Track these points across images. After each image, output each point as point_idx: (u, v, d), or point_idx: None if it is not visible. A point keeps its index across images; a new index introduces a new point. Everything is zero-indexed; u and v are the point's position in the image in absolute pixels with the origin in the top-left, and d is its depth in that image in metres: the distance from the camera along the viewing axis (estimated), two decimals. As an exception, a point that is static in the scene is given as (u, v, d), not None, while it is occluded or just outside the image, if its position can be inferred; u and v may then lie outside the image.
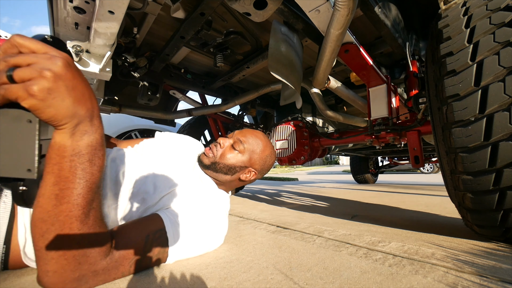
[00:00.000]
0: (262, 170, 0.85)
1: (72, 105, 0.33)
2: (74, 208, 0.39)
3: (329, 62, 0.87)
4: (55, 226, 0.39)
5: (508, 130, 0.59)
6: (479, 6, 0.71)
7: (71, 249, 0.41)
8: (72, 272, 0.42)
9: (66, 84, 0.32)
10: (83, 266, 0.43)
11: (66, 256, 0.40)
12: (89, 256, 0.43)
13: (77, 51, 0.92)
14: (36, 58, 0.30)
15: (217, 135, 2.28)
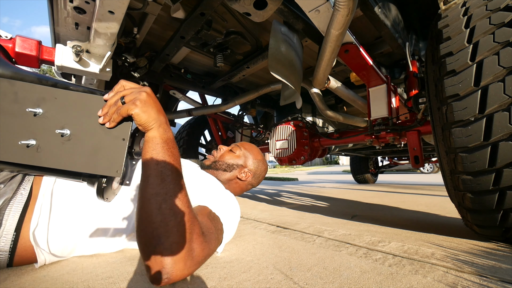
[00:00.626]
0: (256, 173, 0.95)
1: (156, 113, 0.51)
2: (176, 180, 0.50)
3: (329, 62, 0.87)
4: (169, 195, 0.48)
5: (508, 130, 0.59)
6: (479, 6, 0.71)
7: (184, 217, 0.48)
8: (189, 243, 0.48)
9: (152, 101, 0.51)
10: (193, 236, 0.49)
11: (182, 224, 0.48)
12: (196, 225, 0.51)
13: (77, 51, 0.93)
14: (134, 89, 0.51)
15: (217, 135, 2.28)
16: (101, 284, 0.50)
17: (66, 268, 0.58)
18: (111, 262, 0.62)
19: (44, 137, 0.49)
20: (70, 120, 0.50)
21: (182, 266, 0.47)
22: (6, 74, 0.55)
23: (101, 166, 0.49)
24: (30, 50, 0.90)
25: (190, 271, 0.49)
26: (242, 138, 2.18)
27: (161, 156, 0.50)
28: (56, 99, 0.51)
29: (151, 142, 0.51)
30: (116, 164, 0.49)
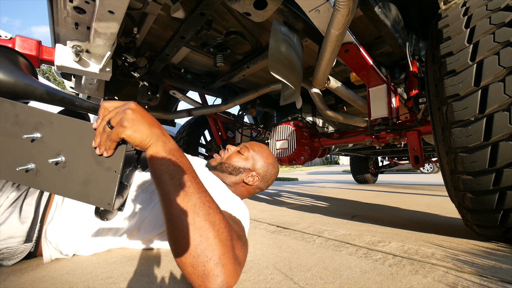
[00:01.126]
0: (265, 177, 0.89)
1: (148, 128, 0.47)
2: (198, 189, 0.47)
3: (329, 62, 0.87)
4: (197, 207, 0.45)
5: (508, 130, 0.59)
6: (479, 6, 0.71)
7: (220, 224, 0.46)
8: (233, 250, 0.47)
9: (140, 115, 0.47)
10: (233, 242, 0.48)
11: (221, 232, 0.46)
12: (232, 230, 0.49)
13: (77, 51, 0.92)
14: (117, 109, 0.47)
15: (217, 135, 2.28)
16: (101, 284, 0.50)
17: (66, 268, 0.58)
18: (111, 262, 0.62)
19: (42, 162, 0.49)
20: (65, 147, 0.49)
21: (234, 274, 0.45)
22: (18, 86, 0.59)
23: (93, 197, 0.48)
24: (30, 50, 0.90)
25: (239, 276, 0.47)
26: (242, 138, 2.18)
27: (172, 169, 0.47)
28: (52, 124, 0.50)
29: (155, 159, 0.48)
30: (107, 197, 0.47)
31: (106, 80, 1.10)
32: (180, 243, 0.43)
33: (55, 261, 0.63)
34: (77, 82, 1.28)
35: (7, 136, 0.50)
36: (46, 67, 12.02)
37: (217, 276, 0.43)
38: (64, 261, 0.63)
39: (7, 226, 0.56)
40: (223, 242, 0.45)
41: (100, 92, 1.40)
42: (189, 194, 0.46)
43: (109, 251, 0.70)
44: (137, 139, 0.46)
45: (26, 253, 0.60)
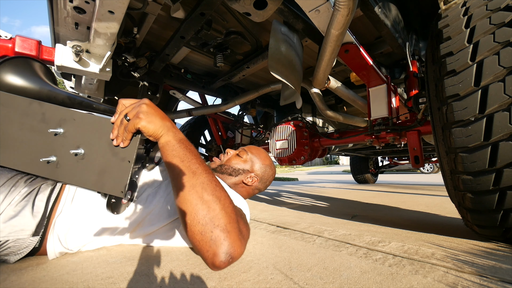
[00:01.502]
0: (263, 178, 0.95)
1: (161, 120, 0.54)
2: (206, 171, 0.53)
3: (329, 62, 0.87)
4: (205, 184, 0.51)
5: (508, 130, 0.59)
6: (479, 6, 0.71)
7: (226, 200, 0.52)
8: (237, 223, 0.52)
9: (153, 109, 0.54)
10: (237, 217, 0.54)
11: (227, 206, 0.51)
12: (236, 208, 0.56)
13: (77, 51, 0.92)
14: (134, 104, 0.54)
15: (217, 135, 2.28)
16: (101, 284, 0.50)
17: (66, 268, 0.58)
18: (111, 262, 0.62)
19: (63, 155, 0.55)
20: (85, 140, 0.55)
21: (239, 243, 0.50)
22: (42, 92, 0.67)
23: (107, 186, 0.53)
24: (30, 50, 0.90)
25: (244, 249, 0.52)
26: (242, 138, 2.18)
27: (182, 154, 0.53)
28: (74, 121, 0.56)
29: (168, 146, 0.54)
30: (121, 185, 0.53)
31: (106, 80, 1.10)
32: (190, 214, 0.49)
33: (55, 261, 0.63)
34: (77, 82, 1.28)
35: (33, 132, 0.56)
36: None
37: (224, 241, 0.48)
38: (64, 261, 0.63)
39: (20, 219, 0.59)
40: (229, 214, 0.50)
41: (100, 92, 1.40)
42: (198, 173, 0.52)
43: (109, 251, 0.70)
44: (151, 129, 0.52)
45: (30, 248, 0.61)
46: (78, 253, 0.69)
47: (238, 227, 0.51)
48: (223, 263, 0.48)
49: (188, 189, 0.50)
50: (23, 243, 0.59)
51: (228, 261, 0.49)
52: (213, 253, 0.48)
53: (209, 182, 0.52)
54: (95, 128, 0.56)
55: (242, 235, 0.52)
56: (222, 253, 0.48)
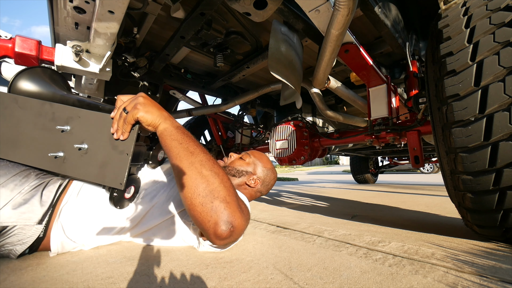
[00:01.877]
0: (265, 181, 0.97)
1: (157, 110, 0.58)
2: (203, 151, 0.57)
3: (329, 62, 0.87)
4: (204, 161, 0.54)
5: (508, 130, 0.59)
6: (479, 6, 0.71)
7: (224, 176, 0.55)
8: (236, 198, 0.55)
9: (150, 101, 0.58)
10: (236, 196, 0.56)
11: (225, 181, 0.55)
12: (234, 188, 0.57)
13: (77, 51, 0.92)
14: (131, 98, 0.58)
15: (217, 135, 2.28)
16: (101, 284, 0.50)
17: (66, 268, 0.58)
18: (111, 262, 0.62)
19: (69, 150, 0.60)
20: (88, 136, 0.60)
21: (239, 214, 0.52)
22: (56, 98, 0.74)
23: (108, 178, 0.57)
24: (30, 50, 0.90)
25: (245, 223, 0.54)
26: (242, 138, 2.18)
27: (180, 137, 0.57)
28: (79, 118, 0.61)
29: (166, 131, 0.57)
30: (120, 177, 0.56)
31: (106, 80, 1.10)
32: (190, 188, 0.51)
33: (55, 261, 0.63)
34: (77, 82, 1.28)
35: (44, 130, 0.62)
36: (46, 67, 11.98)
37: (224, 210, 0.50)
38: (64, 261, 0.63)
39: (29, 206, 0.62)
40: (227, 188, 0.53)
41: (100, 92, 1.40)
42: (196, 153, 0.55)
43: (109, 251, 0.70)
44: (149, 119, 0.56)
45: (35, 238, 0.63)
46: (79, 253, 0.69)
47: (237, 200, 0.54)
48: (224, 232, 0.49)
49: (188, 166, 0.53)
50: (28, 231, 0.62)
51: (229, 230, 0.50)
52: (215, 222, 0.49)
53: (207, 160, 0.55)
54: (97, 124, 0.60)
55: (242, 210, 0.54)
56: (223, 221, 0.50)
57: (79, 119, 0.62)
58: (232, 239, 0.54)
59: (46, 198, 0.66)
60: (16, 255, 0.63)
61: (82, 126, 0.61)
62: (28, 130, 0.64)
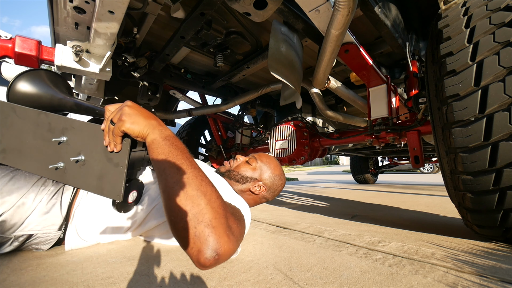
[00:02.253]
0: (271, 187, 0.92)
1: (144, 119, 0.54)
2: (191, 165, 0.52)
3: (329, 62, 0.87)
4: (190, 179, 0.49)
5: (508, 130, 0.59)
6: (479, 6, 0.71)
7: (212, 195, 0.49)
8: (225, 218, 0.49)
9: (136, 110, 0.54)
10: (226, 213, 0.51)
11: (213, 201, 0.48)
12: (225, 204, 0.52)
13: (77, 51, 0.92)
14: (116, 110, 0.55)
15: (217, 135, 2.28)
16: (101, 284, 0.50)
17: (66, 268, 0.58)
18: (111, 262, 0.62)
19: (67, 161, 0.59)
20: (84, 147, 0.59)
21: (226, 239, 0.46)
22: (54, 100, 0.76)
23: (106, 190, 0.56)
24: (30, 50, 0.90)
25: (234, 247, 0.48)
26: (242, 138, 2.18)
27: (167, 151, 0.52)
28: (74, 129, 0.60)
29: (153, 144, 0.53)
30: (117, 189, 0.55)
31: (106, 80, 1.10)
32: (174, 210, 0.46)
33: (55, 261, 0.63)
34: (77, 82, 1.28)
35: (44, 140, 0.61)
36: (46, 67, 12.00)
37: (208, 236, 0.44)
38: (64, 261, 0.63)
39: (52, 215, 0.69)
40: (214, 208, 0.47)
41: (100, 92, 1.40)
42: (182, 169, 0.50)
43: (109, 251, 0.70)
44: (136, 130, 0.52)
45: (56, 239, 0.71)
46: (79, 253, 0.69)
47: (226, 222, 0.48)
48: (208, 261, 0.44)
49: (172, 185, 0.48)
50: (49, 235, 0.69)
51: (214, 258, 0.44)
52: (198, 250, 0.44)
53: (194, 177, 0.50)
54: (91, 136, 0.59)
55: (232, 231, 0.49)
56: (207, 249, 0.44)
57: (74, 130, 0.60)
58: (218, 264, 0.48)
59: (64, 206, 0.71)
60: (45, 250, 0.71)
61: (77, 137, 0.60)
62: (29, 140, 0.63)
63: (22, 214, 0.65)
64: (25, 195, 0.67)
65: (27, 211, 0.66)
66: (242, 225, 0.59)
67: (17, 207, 0.65)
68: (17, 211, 0.65)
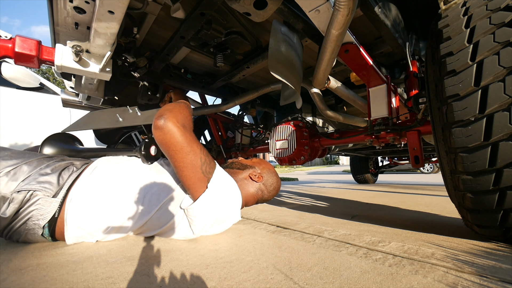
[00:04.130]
0: (267, 181, 1.05)
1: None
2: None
3: (329, 62, 0.87)
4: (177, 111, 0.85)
5: (508, 130, 0.59)
6: (479, 6, 0.71)
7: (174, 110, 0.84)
8: (175, 114, 0.81)
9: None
10: (177, 115, 0.82)
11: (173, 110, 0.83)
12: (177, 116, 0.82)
13: (77, 51, 0.92)
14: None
15: (217, 135, 2.28)
16: (101, 284, 0.50)
17: (66, 268, 0.58)
18: (111, 262, 0.62)
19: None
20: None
21: (174, 120, 0.77)
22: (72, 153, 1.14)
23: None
24: (30, 50, 0.90)
25: (176, 128, 0.76)
26: (242, 138, 2.18)
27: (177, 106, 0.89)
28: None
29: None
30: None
31: (106, 80, 1.10)
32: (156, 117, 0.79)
33: (55, 261, 0.63)
34: (77, 82, 1.28)
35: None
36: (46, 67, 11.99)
37: (164, 115, 0.78)
38: (64, 261, 0.63)
39: (49, 179, 0.77)
40: (170, 111, 0.81)
41: (100, 92, 1.40)
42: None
43: (109, 251, 0.70)
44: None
45: (52, 213, 0.74)
46: (78, 253, 0.69)
47: (174, 117, 0.79)
48: (158, 124, 0.76)
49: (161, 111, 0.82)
50: (47, 207, 0.74)
51: (160, 123, 0.76)
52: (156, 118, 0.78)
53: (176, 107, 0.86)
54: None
55: (175, 119, 0.78)
56: (157, 120, 0.77)
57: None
58: (163, 131, 0.75)
59: (61, 180, 0.79)
60: (40, 229, 0.74)
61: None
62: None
63: (19, 175, 0.74)
64: (28, 163, 0.78)
65: (24, 172, 0.75)
66: (188, 135, 0.79)
67: (17, 168, 0.75)
68: (17, 171, 0.75)
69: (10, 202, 0.70)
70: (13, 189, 0.71)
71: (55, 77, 12.55)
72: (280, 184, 1.12)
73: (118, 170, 0.86)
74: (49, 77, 13.68)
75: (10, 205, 0.70)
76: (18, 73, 2.07)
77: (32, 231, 0.73)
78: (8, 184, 0.71)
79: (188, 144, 0.77)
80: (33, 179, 0.74)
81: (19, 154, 0.82)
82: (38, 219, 0.73)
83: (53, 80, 12.42)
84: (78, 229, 0.76)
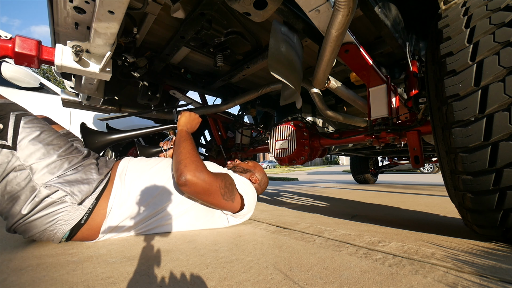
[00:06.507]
0: (261, 181, 1.26)
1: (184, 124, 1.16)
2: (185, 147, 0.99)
3: (329, 62, 0.87)
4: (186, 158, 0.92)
5: (508, 130, 0.59)
6: (479, 6, 0.71)
7: (191, 157, 0.93)
8: (196, 166, 0.89)
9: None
10: (198, 166, 0.90)
11: (192, 157, 0.93)
12: (200, 164, 0.92)
13: (77, 51, 0.92)
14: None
15: (217, 135, 2.28)
16: (101, 284, 0.50)
17: (66, 268, 0.58)
18: (111, 262, 0.62)
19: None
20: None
21: (192, 173, 0.85)
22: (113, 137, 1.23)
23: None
24: (30, 50, 0.90)
25: (196, 180, 0.85)
26: (242, 138, 2.18)
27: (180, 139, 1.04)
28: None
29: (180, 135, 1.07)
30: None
31: (106, 80, 1.10)
32: (174, 160, 0.93)
33: (55, 261, 0.63)
34: (77, 82, 1.28)
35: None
36: (46, 67, 11.99)
37: (183, 170, 0.86)
38: (64, 261, 0.63)
39: (80, 184, 0.78)
40: (192, 160, 0.91)
41: (100, 92, 1.40)
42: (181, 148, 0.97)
43: (109, 251, 0.70)
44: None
45: (77, 221, 0.75)
46: (78, 253, 0.69)
47: (195, 169, 0.87)
48: (181, 182, 0.84)
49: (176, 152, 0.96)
50: (74, 213, 0.75)
51: (182, 181, 0.84)
52: (178, 175, 0.86)
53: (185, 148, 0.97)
54: None
55: (198, 173, 0.87)
56: (180, 176, 0.85)
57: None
58: (189, 186, 0.84)
59: (90, 188, 0.80)
60: (62, 234, 0.74)
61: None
62: None
63: (56, 170, 0.75)
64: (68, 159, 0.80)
65: (63, 168, 0.77)
66: (213, 180, 0.90)
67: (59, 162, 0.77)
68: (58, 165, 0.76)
69: (35, 196, 0.69)
70: (45, 182, 0.71)
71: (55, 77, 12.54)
72: (268, 181, 1.35)
73: (150, 178, 0.93)
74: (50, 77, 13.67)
75: (34, 199, 0.69)
76: (18, 73, 2.07)
77: (52, 233, 0.73)
78: (44, 176, 0.72)
79: (210, 186, 0.89)
80: (67, 181, 0.75)
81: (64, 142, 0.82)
82: (62, 225, 0.73)
83: (53, 80, 12.42)
84: (113, 234, 0.84)
